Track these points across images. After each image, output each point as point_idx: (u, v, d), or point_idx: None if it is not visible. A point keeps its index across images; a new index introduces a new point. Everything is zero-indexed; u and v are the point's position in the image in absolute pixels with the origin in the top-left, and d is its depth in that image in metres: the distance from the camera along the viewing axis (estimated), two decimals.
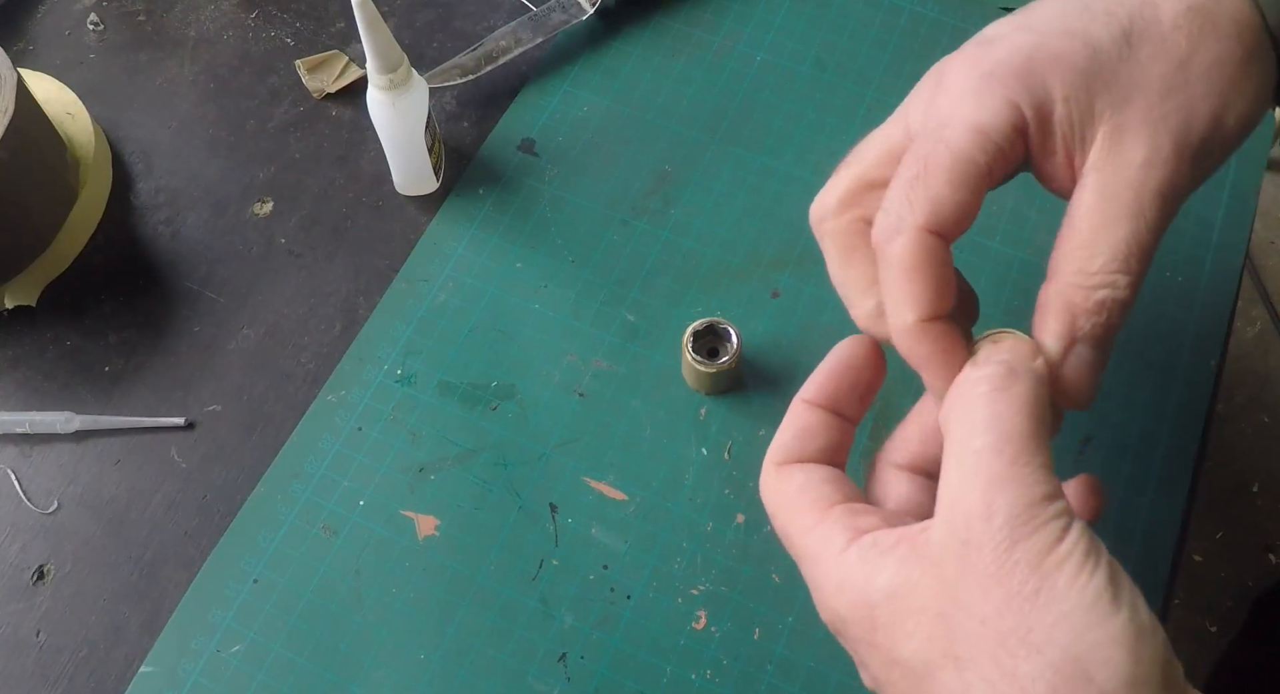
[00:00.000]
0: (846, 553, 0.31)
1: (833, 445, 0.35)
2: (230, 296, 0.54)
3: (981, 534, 0.28)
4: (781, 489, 0.34)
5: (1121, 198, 0.33)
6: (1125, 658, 0.26)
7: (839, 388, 0.35)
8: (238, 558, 0.47)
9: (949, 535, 0.28)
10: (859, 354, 0.36)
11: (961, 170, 0.33)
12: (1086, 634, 0.26)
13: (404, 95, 0.50)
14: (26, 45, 0.63)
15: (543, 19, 0.60)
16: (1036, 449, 0.29)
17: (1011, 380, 0.30)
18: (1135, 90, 0.33)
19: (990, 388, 0.30)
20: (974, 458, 0.29)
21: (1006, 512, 0.28)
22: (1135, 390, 0.50)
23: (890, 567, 0.29)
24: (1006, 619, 0.27)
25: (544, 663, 0.45)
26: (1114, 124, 0.33)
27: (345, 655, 0.45)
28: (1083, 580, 0.27)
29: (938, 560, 0.28)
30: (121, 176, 0.58)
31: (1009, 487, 0.28)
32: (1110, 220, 0.33)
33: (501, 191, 0.56)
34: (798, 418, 0.35)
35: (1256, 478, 1.29)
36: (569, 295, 0.53)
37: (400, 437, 0.50)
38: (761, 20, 0.61)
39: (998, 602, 0.27)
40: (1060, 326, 0.33)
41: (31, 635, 0.47)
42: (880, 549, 0.30)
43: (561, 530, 0.48)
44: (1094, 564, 0.27)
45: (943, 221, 0.33)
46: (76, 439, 0.51)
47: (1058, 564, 0.27)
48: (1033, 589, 0.27)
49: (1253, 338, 1.38)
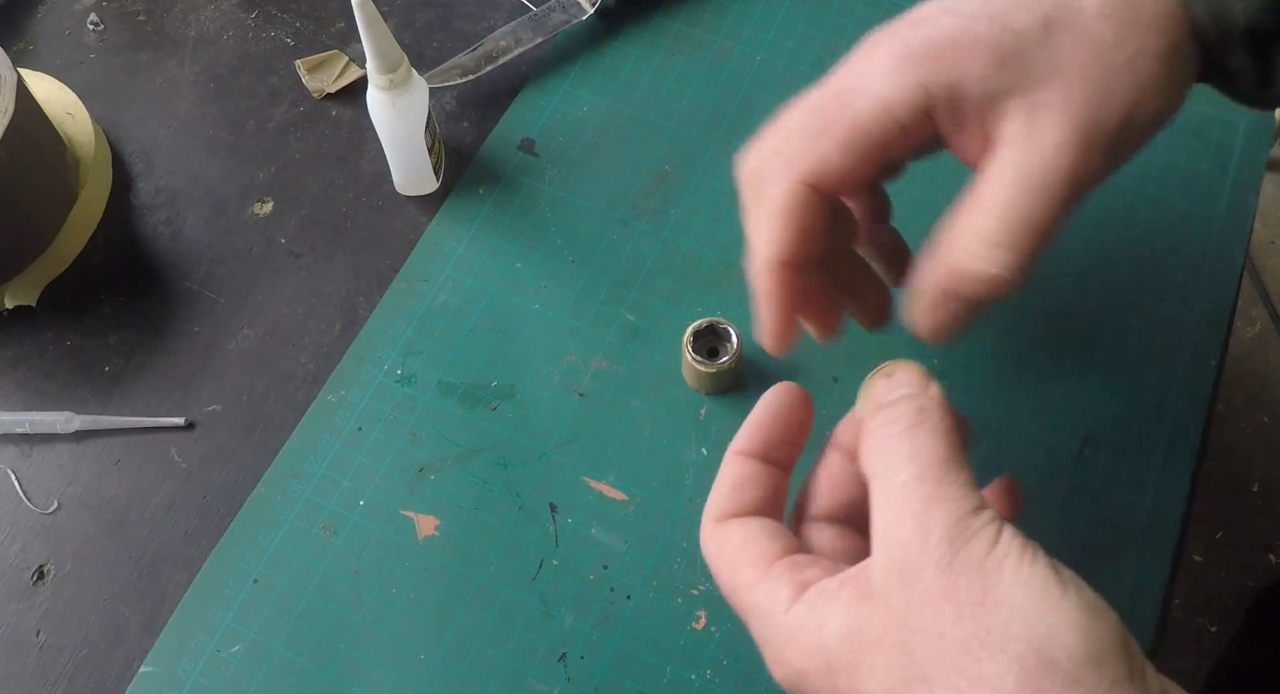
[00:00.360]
0: (794, 607, 0.31)
1: (768, 495, 0.35)
2: (230, 296, 0.54)
3: (921, 556, 0.29)
4: (722, 546, 0.34)
5: (1027, 179, 0.34)
6: (1082, 638, 0.27)
7: (770, 437, 0.36)
8: (238, 558, 0.48)
9: (889, 567, 0.29)
10: (788, 402, 0.36)
11: (855, 138, 0.35)
12: (1041, 622, 0.27)
13: (404, 95, 0.50)
14: (26, 45, 0.63)
15: (543, 19, 0.60)
16: (958, 470, 0.30)
17: (922, 416, 0.32)
18: (1053, 74, 0.34)
19: (905, 426, 0.32)
20: (901, 490, 0.30)
21: (941, 529, 0.29)
22: (1135, 390, 0.50)
23: (839, 611, 0.30)
24: (963, 628, 0.27)
25: (544, 663, 0.45)
26: (1030, 105, 0.34)
27: (345, 655, 0.45)
28: (1025, 572, 0.28)
29: (884, 594, 0.29)
30: (121, 176, 0.58)
31: (938, 507, 0.29)
32: (1013, 199, 0.34)
33: (501, 191, 0.56)
34: (732, 470, 0.35)
35: (1256, 478, 1.29)
36: (569, 295, 0.53)
37: (400, 437, 0.50)
38: (761, 20, 0.61)
39: (951, 614, 0.28)
40: (937, 286, 0.36)
41: (31, 635, 0.47)
42: (827, 596, 0.30)
43: (561, 530, 0.48)
44: (1032, 555, 0.28)
45: (822, 179, 0.35)
46: (76, 439, 0.51)
47: (998, 564, 0.28)
48: (981, 592, 0.28)
49: (1253, 338, 1.38)
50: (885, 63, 0.35)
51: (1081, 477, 0.48)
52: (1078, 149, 0.34)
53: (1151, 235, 0.54)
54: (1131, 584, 0.46)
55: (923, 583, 0.28)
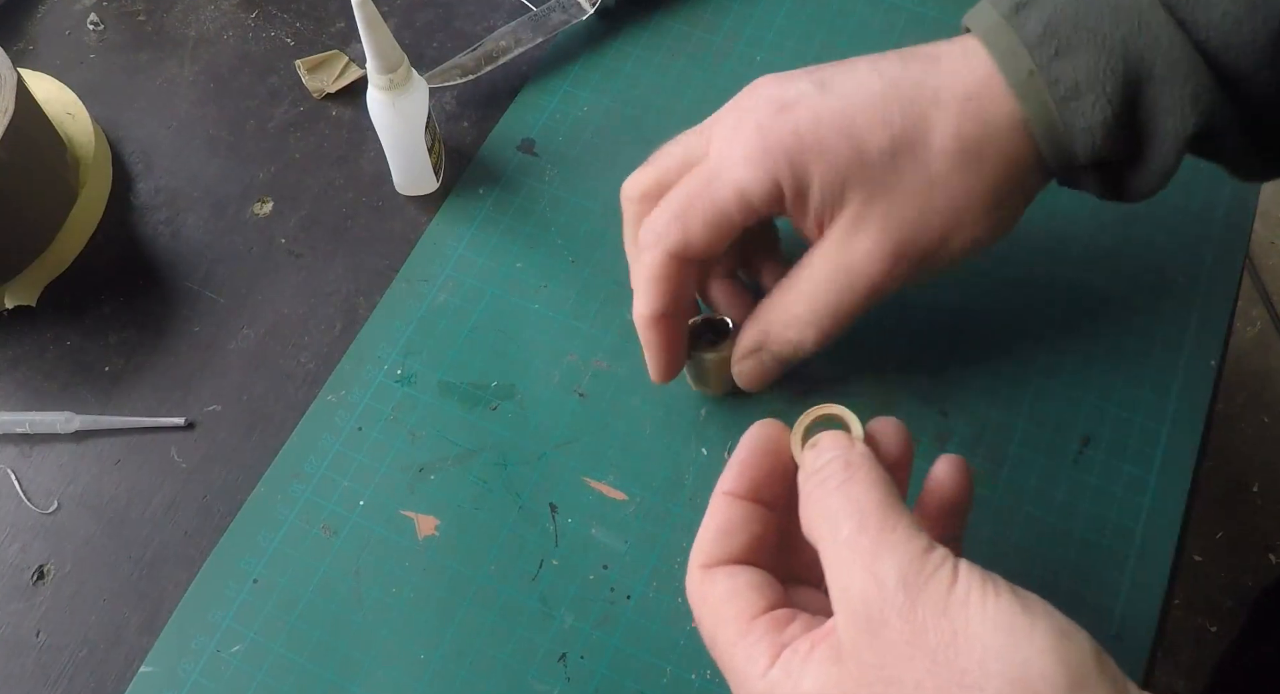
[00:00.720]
0: (770, 672, 0.31)
1: (756, 538, 0.35)
2: (230, 297, 0.54)
3: (880, 608, 0.28)
4: (706, 596, 0.34)
5: (838, 275, 0.41)
6: (1060, 666, 0.26)
7: (757, 476, 0.36)
8: (238, 558, 0.48)
9: (853, 623, 0.29)
10: (772, 437, 0.36)
11: (715, 220, 0.41)
12: (1016, 656, 0.27)
13: (404, 95, 0.50)
14: (26, 45, 0.63)
15: (543, 19, 0.60)
16: (898, 514, 0.31)
17: (850, 469, 0.32)
18: (883, 194, 0.39)
19: (837, 482, 0.32)
20: (847, 545, 0.30)
21: (895, 576, 0.29)
22: (1135, 390, 0.50)
23: (811, 672, 0.30)
24: (939, 673, 0.27)
25: (544, 663, 0.45)
26: (856, 215, 0.40)
27: (345, 655, 0.45)
28: (990, 606, 0.27)
29: (852, 652, 0.29)
30: (121, 176, 0.58)
31: (888, 554, 0.29)
32: (823, 288, 0.41)
33: (501, 191, 0.56)
34: (719, 513, 0.35)
35: (1256, 478, 1.29)
36: (569, 295, 0.53)
37: (400, 437, 0.50)
38: (761, 20, 0.61)
39: (923, 661, 0.27)
40: (753, 340, 0.45)
41: (31, 635, 0.47)
42: (800, 657, 0.30)
43: (561, 530, 0.48)
44: (994, 588, 0.28)
45: (688, 251, 0.42)
46: (76, 439, 0.51)
47: (961, 602, 0.28)
48: (950, 634, 0.27)
49: (1253, 338, 1.38)
50: (746, 152, 0.40)
51: (1081, 477, 0.48)
52: (885, 260, 0.40)
53: (1151, 235, 0.54)
54: (1131, 584, 0.46)
55: (889, 633, 0.28)
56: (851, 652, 0.29)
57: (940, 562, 0.29)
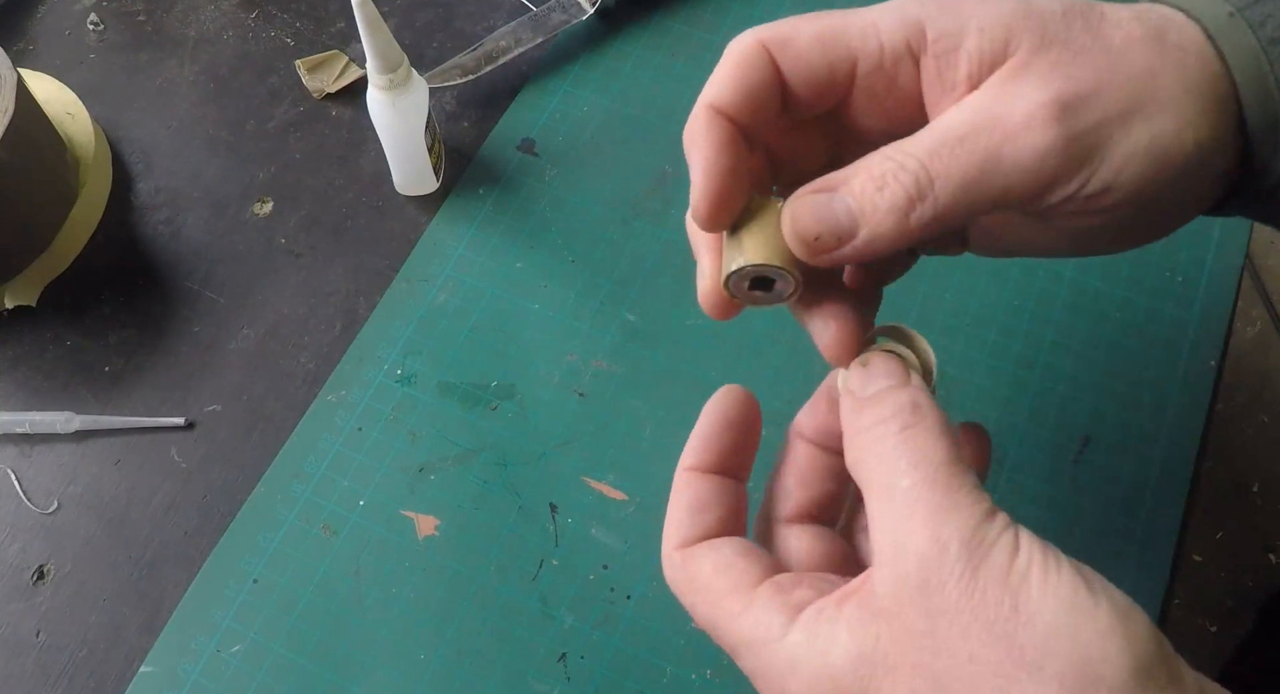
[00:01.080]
0: (790, 634, 0.28)
1: (730, 512, 0.32)
2: (230, 297, 0.54)
3: (939, 571, 0.26)
4: (694, 576, 0.31)
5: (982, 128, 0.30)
6: (1124, 647, 0.25)
7: (723, 447, 0.33)
8: (238, 558, 0.48)
9: (901, 582, 0.27)
10: (735, 405, 0.34)
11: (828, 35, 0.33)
12: (1079, 635, 0.25)
13: (404, 95, 0.50)
14: (26, 45, 0.63)
15: (543, 19, 0.60)
16: (964, 472, 0.28)
17: (917, 415, 0.30)
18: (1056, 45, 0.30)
19: (900, 427, 0.29)
20: (906, 497, 0.28)
21: (958, 541, 0.27)
22: (1135, 390, 0.50)
23: (843, 634, 0.28)
24: (995, 647, 0.26)
25: (544, 663, 0.45)
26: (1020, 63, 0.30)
27: (345, 655, 0.45)
28: (1054, 582, 0.26)
29: (895, 612, 0.27)
30: (121, 176, 0.58)
31: (952, 516, 0.27)
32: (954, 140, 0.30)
33: (501, 191, 0.56)
34: (687, 489, 0.33)
35: (1256, 478, 1.29)
36: (569, 295, 0.53)
37: (400, 437, 0.50)
38: (761, 20, 0.61)
39: (980, 633, 0.26)
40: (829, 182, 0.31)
41: (31, 635, 0.47)
42: (826, 617, 0.28)
43: (561, 530, 0.48)
44: (1056, 562, 0.26)
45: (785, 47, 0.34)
46: (76, 439, 0.51)
47: (1024, 575, 0.26)
48: (1010, 608, 0.26)
49: (1253, 338, 1.38)
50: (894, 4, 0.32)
51: (1081, 477, 0.48)
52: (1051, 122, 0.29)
53: None
54: (1131, 584, 0.46)
55: (945, 598, 0.26)
56: (894, 610, 0.27)
57: (1003, 528, 0.27)
